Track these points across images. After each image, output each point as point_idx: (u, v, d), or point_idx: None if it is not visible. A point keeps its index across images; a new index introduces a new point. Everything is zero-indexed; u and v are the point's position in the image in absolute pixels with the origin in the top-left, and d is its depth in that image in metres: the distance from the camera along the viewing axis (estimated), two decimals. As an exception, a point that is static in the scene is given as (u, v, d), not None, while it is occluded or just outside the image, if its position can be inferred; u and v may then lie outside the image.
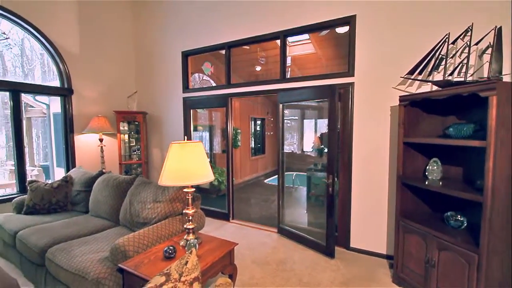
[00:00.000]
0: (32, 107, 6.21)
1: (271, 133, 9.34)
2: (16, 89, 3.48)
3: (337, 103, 2.81)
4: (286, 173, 3.76)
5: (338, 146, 3.01)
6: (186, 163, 1.83)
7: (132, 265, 1.72)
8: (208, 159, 2.00)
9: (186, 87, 4.38)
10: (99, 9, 4.32)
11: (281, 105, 3.51)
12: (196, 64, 4.68)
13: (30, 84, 3.83)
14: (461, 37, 2.27)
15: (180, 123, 4.47)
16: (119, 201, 2.73)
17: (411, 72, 2.51)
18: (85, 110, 4.19)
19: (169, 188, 2.41)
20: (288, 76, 3.57)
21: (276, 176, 3.72)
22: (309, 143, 7.63)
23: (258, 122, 8.86)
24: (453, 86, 2.01)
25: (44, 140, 7.02)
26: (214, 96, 4.08)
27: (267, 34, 3.52)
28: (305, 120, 8.42)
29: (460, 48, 2.27)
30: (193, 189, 1.96)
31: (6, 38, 3.62)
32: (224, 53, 3.96)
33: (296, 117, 8.61)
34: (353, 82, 2.96)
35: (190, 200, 1.96)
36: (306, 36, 4.10)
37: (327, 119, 2.90)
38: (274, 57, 4.41)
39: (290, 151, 8.31)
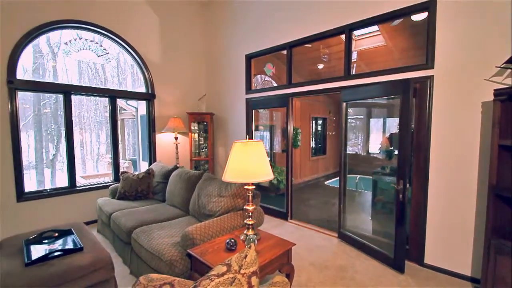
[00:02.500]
0: (125, 110, 7.42)
1: (333, 133, 8.92)
2: (113, 96, 4.22)
3: (411, 100, 2.52)
4: (348, 175, 3.54)
5: (411, 148, 2.69)
6: (248, 161, 1.92)
7: (198, 252, 1.90)
8: (268, 158, 2.05)
9: (249, 89, 4.56)
10: (175, 21, 4.85)
11: (344, 104, 3.32)
12: (258, 65, 4.83)
13: (124, 91, 4.57)
14: None
15: (243, 123, 4.68)
16: (189, 193, 3.03)
17: (511, 60, 2.06)
18: (164, 112, 4.79)
19: (232, 184, 2.57)
20: (353, 73, 3.36)
21: (338, 178, 3.55)
22: (376, 144, 6.98)
23: (319, 121, 8.57)
24: None
25: (133, 138, 8.36)
26: (275, 96, 4.13)
27: (330, 30, 3.39)
28: (371, 119, 7.74)
29: None
30: (254, 187, 2.04)
31: (107, 53, 4.40)
32: (285, 53, 3.98)
33: (361, 116, 7.98)
34: (432, 75, 2.61)
35: (250, 197, 2.05)
36: (374, 27, 3.77)
37: (398, 118, 2.63)
38: (338, 54, 4.21)
39: (353, 152, 7.77)
